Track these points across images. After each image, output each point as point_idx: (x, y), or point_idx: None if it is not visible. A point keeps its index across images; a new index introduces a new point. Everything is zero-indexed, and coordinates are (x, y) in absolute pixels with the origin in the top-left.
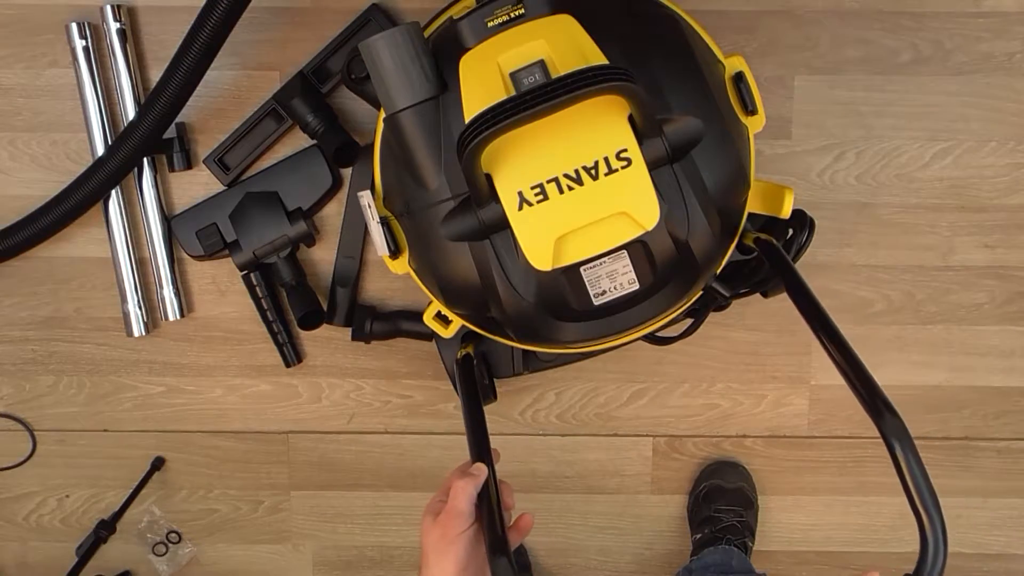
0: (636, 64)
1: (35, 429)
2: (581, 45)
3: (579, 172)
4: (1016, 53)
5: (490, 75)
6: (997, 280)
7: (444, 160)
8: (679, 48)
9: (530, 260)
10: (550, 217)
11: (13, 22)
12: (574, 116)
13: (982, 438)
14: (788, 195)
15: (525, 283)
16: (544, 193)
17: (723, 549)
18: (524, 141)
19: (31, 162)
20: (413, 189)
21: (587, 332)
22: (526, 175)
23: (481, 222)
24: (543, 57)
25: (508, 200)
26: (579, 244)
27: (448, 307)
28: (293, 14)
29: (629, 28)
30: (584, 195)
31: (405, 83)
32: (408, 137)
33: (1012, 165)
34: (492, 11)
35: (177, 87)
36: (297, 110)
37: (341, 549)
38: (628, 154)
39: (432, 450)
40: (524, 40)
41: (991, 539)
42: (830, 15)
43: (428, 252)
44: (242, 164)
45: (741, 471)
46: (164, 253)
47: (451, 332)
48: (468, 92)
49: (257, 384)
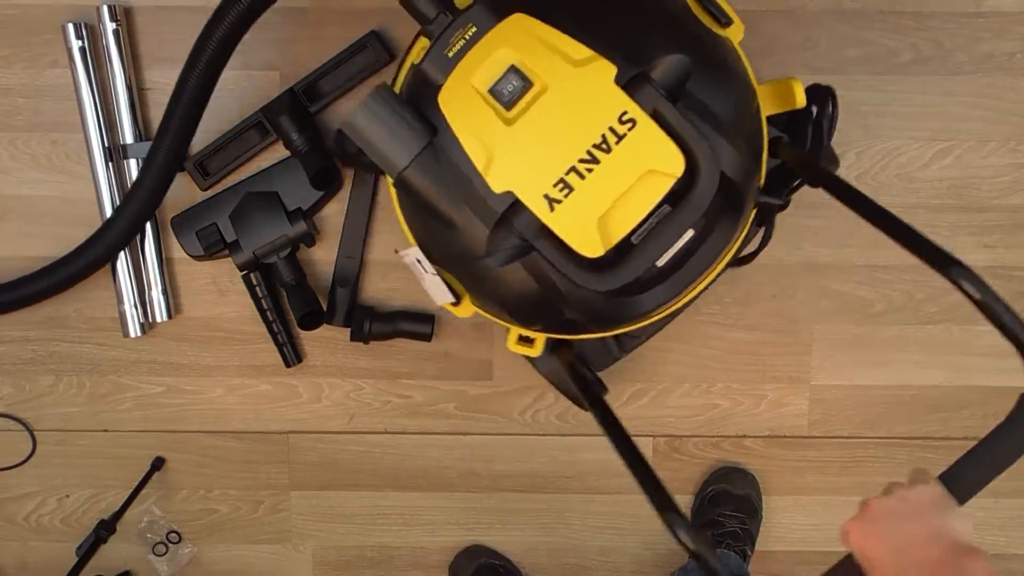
0: (598, 27)
1: (35, 429)
2: (541, 35)
3: (591, 152)
4: (1016, 53)
5: (471, 101)
6: (997, 280)
7: (462, 196)
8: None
9: (581, 251)
10: (583, 205)
11: (13, 22)
12: (561, 100)
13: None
14: (796, 84)
15: (586, 275)
16: (568, 186)
17: (721, 554)
18: (527, 143)
19: (31, 162)
20: (446, 235)
21: (665, 294)
22: (544, 176)
23: (522, 239)
24: (512, 63)
25: (538, 207)
26: (621, 217)
27: (525, 327)
28: (293, 14)
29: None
30: (605, 170)
31: (397, 143)
32: (421, 191)
33: (1012, 165)
34: (447, 41)
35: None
36: (283, 127)
37: (341, 549)
38: (629, 115)
39: (432, 450)
40: (487, 54)
41: (991, 539)
42: (830, 15)
43: (484, 285)
44: (222, 171)
45: (751, 479)
46: (154, 254)
47: (538, 349)
48: (458, 124)
49: (257, 384)
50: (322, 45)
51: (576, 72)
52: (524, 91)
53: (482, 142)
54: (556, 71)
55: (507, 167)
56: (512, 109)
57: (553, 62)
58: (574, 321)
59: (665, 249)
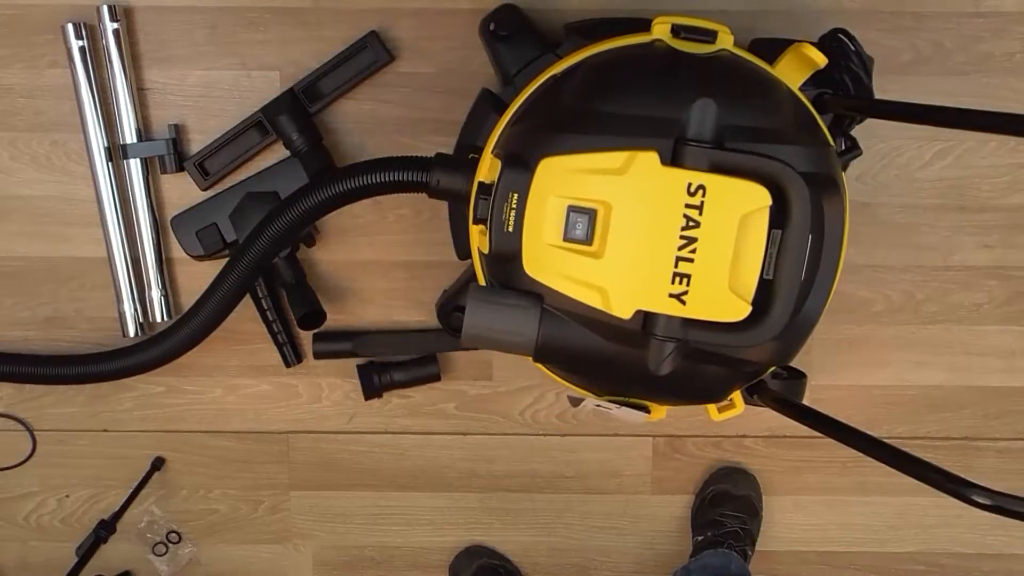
0: (612, 127)
1: (35, 429)
2: (574, 166)
3: (684, 236)
4: (1016, 53)
5: (556, 256)
6: (997, 280)
7: (601, 337)
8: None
9: (731, 319)
10: (708, 283)
11: (13, 22)
12: (629, 210)
13: (982, 438)
14: (808, 49)
15: (749, 333)
16: (683, 276)
17: (723, 552)
18: (626, 263)
19: (31, 162)
20: (607, 373)
21: (822, 291)
22: (658, 282)
23: (675, 339)
24: (567, 204)
25: (672, 308)
26: (746, 269)
27: (717, 401)
28: (293, 14)
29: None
30: (707, 242)
31: (516, 327)
32: (561, 353)
33: (1012, 165)
34: (501, 219)
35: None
36: (283, 127)
37: (341, 549)
38: (695, 184)
39: (432, 450)
40: (542, 211)
41: (991, 539)
42: (830, 15)
43: (663, 389)
44: (222, 171)
45: (751, 480)
46: (153, 254)
47: (740, 405)
48: (558, 282)
49: (257, 384)
50: (322, 45)
51: (625, 178)
52: (593, 221)
53: (588, 285)
54: (608, 188)
55: (622, 293)
56: (594, 242)
57: (600, 182)
58: (756, 365)
59: (800, 266)
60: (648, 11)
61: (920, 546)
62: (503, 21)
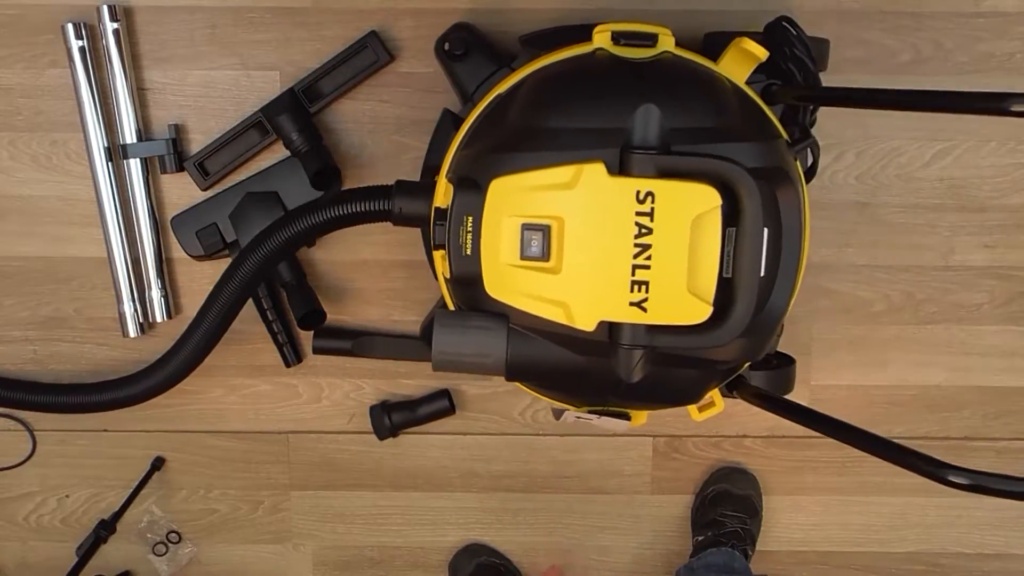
0: (557, 142)
1: (35, 429)
2: (524, 184)
3: (639, 243)
4: (1016, 53)
5: (515, 275)
6: (997, 280)
7: (569, 350)
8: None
9: (693, 322)
10: (667, 287)
11: (13, 22)
12: (581, 222)
13: (982, 438)
14: (747, 43)
15: (714, 333)
16: (642, 283)
17: (726, 551)
18: (583, 276)
19: (31, 162)
20: (580, 385)
21: (787, 281)
22: (617, 291)
23: (641, 346)
24: (520, 223)
25: (633, 317)
26: (703, 269)
27: (695, 401)
28: (293, 14)
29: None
30: (662, 248)
31: (484, 348)
32: (533, 369)
33: (1012, 165)
34: (458, 243)
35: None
36: (283, 127)
37: (341, 549)
38: (643, 190)
39: (432, 450)
40: (497, 231)
41: (991, 539)
42: (830, 15)
43: (639, 396)
44: (222, 171)
45: (751, 480)
46: (153, 254)
47: (720, 404)
48: (519, 300)
49: (257, 384)
50: (322, 45)
51: (575, 192)
52: (547, 238)
53: (549, 301)
54: (559, 203)
55: (583, 306)
56: (550, 258)
57: (551, 198)
58: (728, 363)
59: (758, 262)
60: (612, 14)
61: (920, 546)
62: (456, 40)
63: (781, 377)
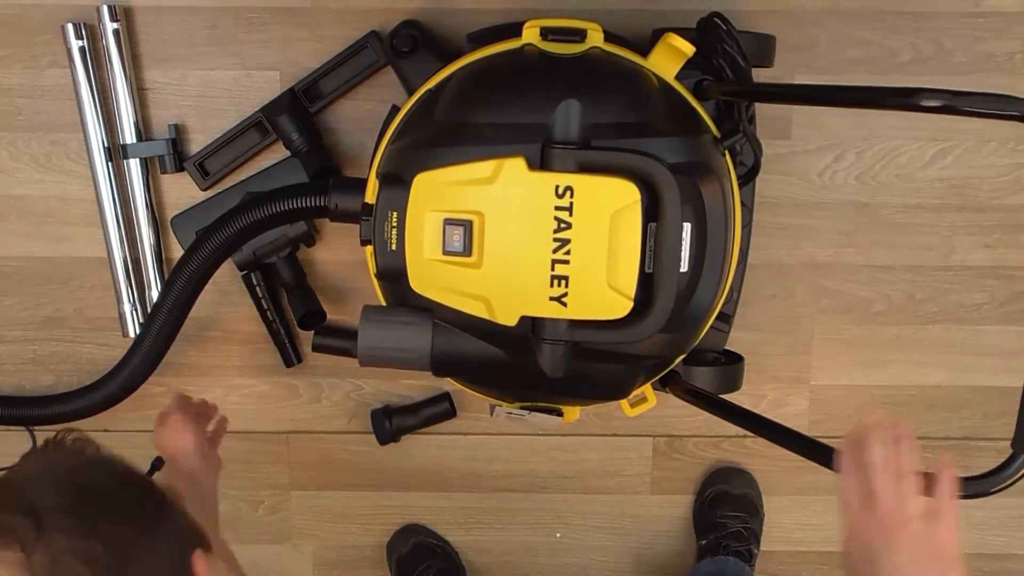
0: (477, 136)
1: (35, 429)
2: (445, 179)
3: (558, 238)
4: (1016, 53)
5: (438, 270)
6: (997, 280)
7: (493, 345)
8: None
9: (615, 316)
10: (587, 281)
11: (13, 22)
12: (501, 217)
13: (982, 438)
14: (673, 38)
15: (637, 327)
16: (561, 277)
17: (718, 560)
18: (504, 271)
19: (31, 162)
20: (507, 380)
21: (712, 279)
22: (537, 285)
23: (564, 342)
24: (443, 218)
25: (554, 311)
26: (624, 264)
27: (624, 398)
28: (293, 14)
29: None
30: (580, 242)
31: (409, 343)
32: (459, 363)
33: (1012, 165)
34: (384, 238)
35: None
36: (283, 127)
37: (341, 549)
38: (561, 185)
39: (432, 450)
40: (420, 226)
41: (991, 539)
42: (830, 15)
43: (567, 390)
44: (222, 171)
45: (747, 478)
46: (153, 254)
47: (652, 399)
48: (442, 295)
49: (257, 384)
50: (322, 45)
51: (495, 187)
52: (469, 232)
53: (471, 296)
54: (480, 198)
55: (504, 301)
56: (472, 253)
57: (472, 193)
58: (660, 360)
59: (678, 256)
60: (563, 12)
61: None
62: (403, 37)
63: (726, 374)
